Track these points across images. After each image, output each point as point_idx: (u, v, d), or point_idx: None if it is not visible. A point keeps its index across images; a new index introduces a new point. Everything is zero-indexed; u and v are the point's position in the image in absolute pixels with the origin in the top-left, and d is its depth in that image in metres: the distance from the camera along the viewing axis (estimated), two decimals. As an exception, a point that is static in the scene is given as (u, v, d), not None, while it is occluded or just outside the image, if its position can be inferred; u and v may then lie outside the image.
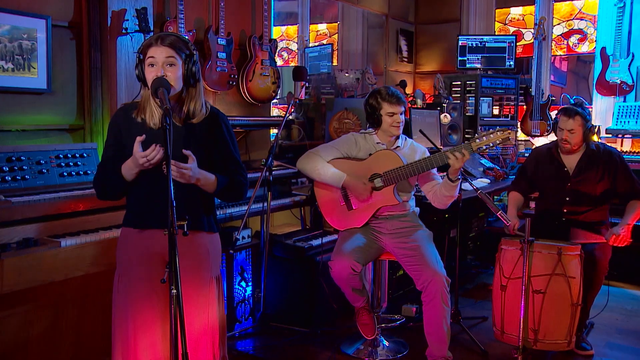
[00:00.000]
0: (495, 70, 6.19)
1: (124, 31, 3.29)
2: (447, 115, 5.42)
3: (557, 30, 6.68)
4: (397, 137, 3.47)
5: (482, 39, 6.22)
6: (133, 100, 2.73)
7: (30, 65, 3.08)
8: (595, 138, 3.82)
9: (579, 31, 6.61)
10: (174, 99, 2.30)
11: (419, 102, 5.57)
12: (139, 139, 2.19)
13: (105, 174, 2.35)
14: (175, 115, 2.30)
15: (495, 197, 5.65)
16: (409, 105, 5.16)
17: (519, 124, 6.12)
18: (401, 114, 3.38)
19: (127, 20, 3.30)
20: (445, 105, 5.50)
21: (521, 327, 3.22)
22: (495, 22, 6.96)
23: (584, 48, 6.61)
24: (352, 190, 3.39)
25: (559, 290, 3.26)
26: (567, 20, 6.65)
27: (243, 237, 3.72)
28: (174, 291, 1.99)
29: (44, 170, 2.94)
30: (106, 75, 3.33)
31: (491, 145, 3.18)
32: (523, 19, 6.96)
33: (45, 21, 3.12)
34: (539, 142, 5.86)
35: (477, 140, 3.19)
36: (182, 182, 2.22)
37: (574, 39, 6.63)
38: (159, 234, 2.21)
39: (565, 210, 3.68)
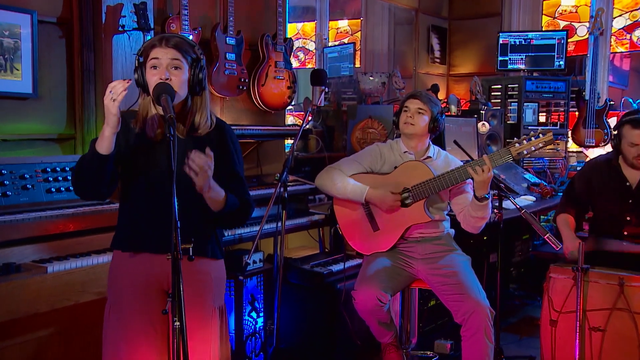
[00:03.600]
0: (542, 71, 6.16)
1: (120, 29, 3.31)
2: (486, 123, 5.38)
3: (618, 23, 6.59)
4: (428, 147, 3.46)
5: (526, 35, 6.19)
6: (129, 108, 2.72)
7: (13, 66, 3.09)
8: None
9: (646, 23, 6.51)
10: (178, 107, 2.30)
11: (453, 108, 5.53)
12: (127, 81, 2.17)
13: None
14: (179, 125, 2.30)
15: (541, 217, 5.58)
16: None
17: (570, 132, 6.06)
18: (419, 112, 3.37)
19: (124, 16, 3.32)
20: (483, 112, 5.47)
21: (576, 370, 3.15)
22: (543, 16, 6.92)
23: (652, 43, 6.52)
24: (378, 203, 3.35)
25: (622, 329, 3.16)
26: (631, 11, 6.55)
27: (254, 262, 3.71)
28: (178, 324, 1.98)
29: (29, 186, 2.93)
30: (100, 78, 3.34)
31: (533, 149, 3.19)
32: (576, 11, 6.90)
33: (30, 16, 3.13)
34: (593, 153, 5.79)
35: (517, 145, 3.20)
36: (199, 183, 2.17)
37: (638, 33, 6.54)
38: (155, 260, 2.22)
39: (626, 233, 3.60)
